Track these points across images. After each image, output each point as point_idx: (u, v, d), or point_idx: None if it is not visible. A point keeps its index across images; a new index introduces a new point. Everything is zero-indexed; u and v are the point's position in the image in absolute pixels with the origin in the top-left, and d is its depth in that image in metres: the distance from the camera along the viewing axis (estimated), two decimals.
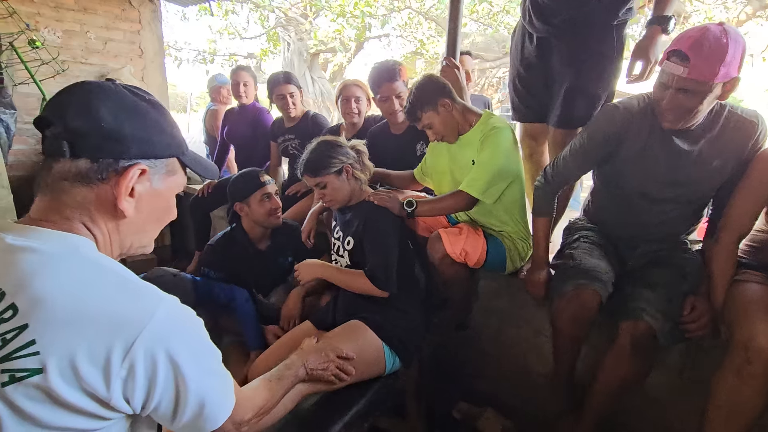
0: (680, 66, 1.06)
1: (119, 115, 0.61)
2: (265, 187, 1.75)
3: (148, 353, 0.55)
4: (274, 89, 2.44)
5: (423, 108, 1.54)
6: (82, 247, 0.59)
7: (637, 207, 1.36)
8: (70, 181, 0.60)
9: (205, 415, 0.63)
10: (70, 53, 3.24)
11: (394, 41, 10.61)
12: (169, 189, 0.70)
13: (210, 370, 0.64)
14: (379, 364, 1.34)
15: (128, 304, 0.55)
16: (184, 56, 10.84)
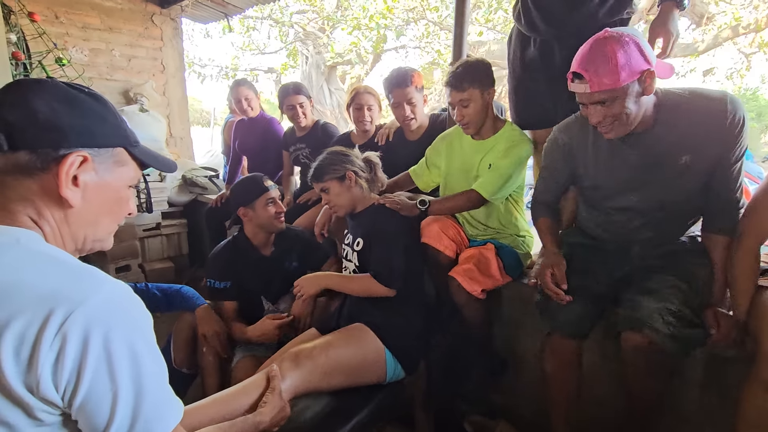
0: (581, 84, 1.09)
1: (56, 107, 0.61)
2: (270, 191, 1.75)
3: (82, 332, 0.51)
4: (284, 100, 2.48)
5: (473, 83, 1.51)
6: (22, 238, 0.58)
7: (614, 216, 1.32)
8: (12, 174, 0.59)
9: (140, 426, 0.56)
10: (96, 70, 3.39)
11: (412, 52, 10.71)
12: (119, 179, 0.68)
13: (149, 373, 0.57)
14: (379, 369, 1.32)
15: (67, 283, 0.54)
16: (208, 72, 11.23)
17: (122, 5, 3.49)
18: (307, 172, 2.63)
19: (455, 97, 1.54)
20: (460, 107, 1.55)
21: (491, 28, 8.39)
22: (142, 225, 3.15)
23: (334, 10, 9.23)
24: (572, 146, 1.30)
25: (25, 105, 0.59)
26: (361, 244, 1.53)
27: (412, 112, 1.91)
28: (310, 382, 1.17)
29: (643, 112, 1.12)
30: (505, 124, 1.64)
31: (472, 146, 1.66)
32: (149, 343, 0.59)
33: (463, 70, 1.52)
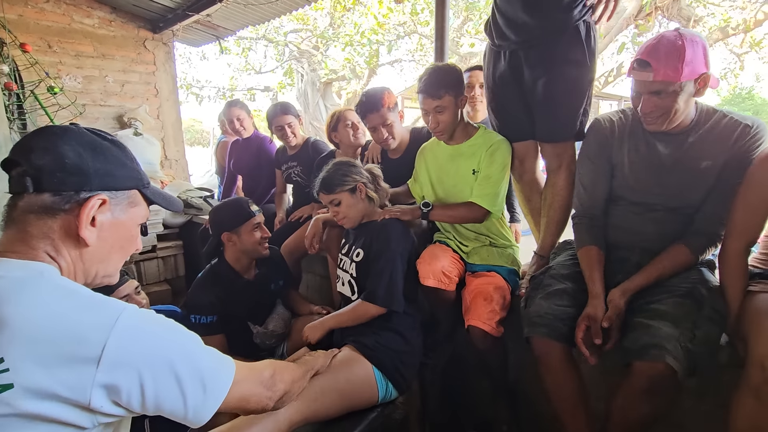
0: (645, 72, 1.12)
1: (81, 153, 0.67)
2: (256, 216, 1.72)
3: (122, 358, 0.58)
4: (272, 121, 2.50)
5: (448, 90, 1.51)
6: (45, 272, 0.63)
7: (631, 210, 1.31)
8: (35, 213, 0.64)
9: (209, 390, 0.66)
10: (89, 97, 3.44)
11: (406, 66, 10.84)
12: (131, 219, 0.74)
13: (192, 350, 0.67)
14: (370, 392, 1.29)
15: (90, 318, 0.59)
16: (206, 93, 11.38)
17: (115, 32, 3.55)
18: (299, 190, 2.67)
19: (430, 104, 1.53)
20: (435, 114, 1.54)
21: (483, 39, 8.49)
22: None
23: (327, 27, 9.38)
24: (613, 131, 1.33)
25: (54, 151, 0.65)
26: (360, 255, 1.51)
27: (389, 133, 1.90)
28: (305, 411, 1.13)
29: (687, 114, 1.18)
30: (479, 129, 1.64)
31: (447, 152, 1.66)
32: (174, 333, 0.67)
33: (437, 76, 1.52)
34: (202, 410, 0.66)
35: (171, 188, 3.53)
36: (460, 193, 1.64)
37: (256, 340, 1.78)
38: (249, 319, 1.76)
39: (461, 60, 8.60)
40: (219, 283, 1.72)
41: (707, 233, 1.21)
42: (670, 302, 1.14)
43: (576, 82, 1.46)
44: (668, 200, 1.25)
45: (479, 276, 1.56)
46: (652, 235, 1.29)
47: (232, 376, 0.70)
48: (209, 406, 0.66)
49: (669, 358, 1.03)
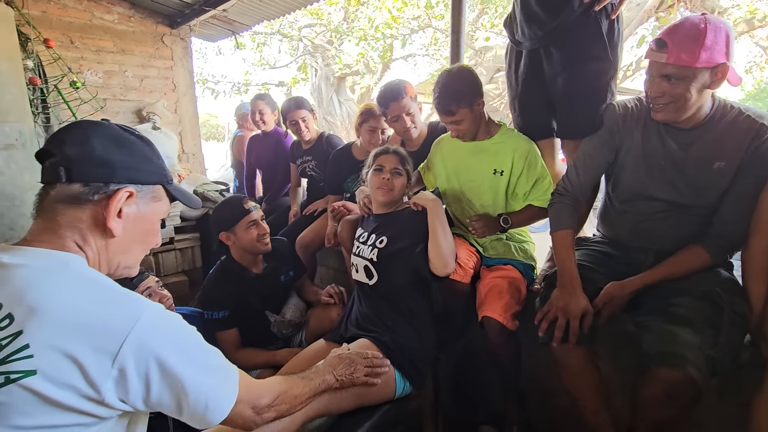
0: (659, 53, 1.06)
1: (109, 146, 0.69)
2: (251, 214, 1.71)
3: (137, 356, 0.59)
4: (286, 116, 2.52)
5: (460, 104, 1.49)
6: (71, 262, 0.64)
7: (640, 207, 1.28)
8: (65, 203, 0.66)
9: (210, 409, 0.67)
10: (110, 91, 3.51)
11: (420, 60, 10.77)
12: (154, 213, 0.76)
13: (204, 366, 0.68)
14: (388, 389, 1.29)
15: (114, 311, 0.61)
16: (221, 88, 11.49)
17: (134, 28, 3.61)
18: (314, 184, 2.69)
19: (445, 119, 1.55)
20: (454, 126, 1.55)
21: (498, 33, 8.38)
22: None
23: (341, 22, 9.37)
24: (626, 117, 1.28)
25: (84, 143, 0.68)
26: (385, 242, 1.52)
27: (411, 122, 1.91)
28: (321, 407, 1.14)
29: (699, 107, 1.12)
30: (501, 127, 1.63)
31: (467, 147, 1.65)
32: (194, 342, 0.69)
33: (446, 95, 1.50)
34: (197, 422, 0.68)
35: (188, 182, 3.60)
36: (477, 188, 1.64)
37: (273, 329, 1.81)
38: (265, 309, 1.79)
39: (476, 54, 8.50)
40: (229, 279, 1.75)
41: (728, 237, 1.16)
42: (689, 306, 1.11)
43: (597, 78, 1.43)
44: (682, 198, 1.20)
45: (495, 269, 1.56)
46: (664, 236, 1.25)
47: (235, 399, 0.71)
48: (206, 422, 0.68)
49: (690, 367, 1.00)
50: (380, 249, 1.51)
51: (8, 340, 0.54)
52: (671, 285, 1.18)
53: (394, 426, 1.32)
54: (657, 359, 1.06)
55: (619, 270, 1.26)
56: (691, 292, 1.15)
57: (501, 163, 1.59)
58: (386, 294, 1.48)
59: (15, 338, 0.54)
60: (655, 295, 1.19)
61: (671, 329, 1.07)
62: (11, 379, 0.53)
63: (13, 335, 0.55)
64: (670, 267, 1.19)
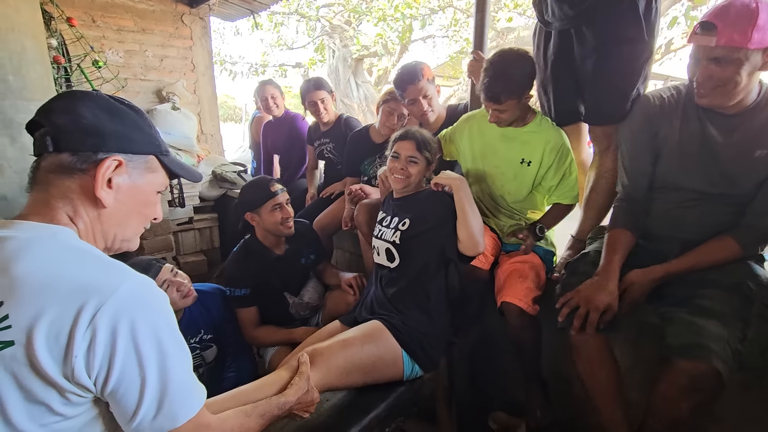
0: (708, 36, 1.01)
1: (99, 115, 0.67)
2: (276, 197, 1.72)
3: (111, 322, 0.56)
4: (305, 96, 2.50)
5: (511, 95, 1.43)
6: (59, 234, 0.63)
7: (672, 195, 1.23)
8: (55, 174, 0.66)
9: (166, 409, 0.60)
10: (130, 71, 3.53)
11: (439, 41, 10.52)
12: (149, 184, 0.74)
13: (174, 359, 0.62)
14: (396, 368, 1.31)
15: (96, 276, 0.59)
16: (239, 69, 11.48)
17: (154, 6, 3.60)
18: (331, 167, 2.68)
19: (489, 105, 1.48)
20: (497, 113, 1.50)
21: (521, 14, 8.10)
22: (175, 219, 3.28)
23: (359, 2, 9.19)
24: (663, 108, 1.23)
25: (72, 111, 0.66)
26: (407, 224, 1.50)
27: (429, 105, 1.88)
28: (327, 379, 1.17)
29: (747, 92, 1.08)
30: (535, 116, 1.58)
31: (498, 131, 1.60)
32: (172, 332, 0.63)
33: (499, 82, 1.42)
34: (146, 426, 0.60)
35: (206, 163, 3.63)
36: (501, 175, 1.61)
37: (291, 310, 1.84)
38: (284, 290, 1.82)
39: (498, 36, 8.26)
40: (251, 258, 1.78)
41: (762, 229, 1.12)
42: (716, 298, 1.08)
43: (630, 62, 1.36)
44: (714, 188, 1.16)
45: (515, 255, 1.54)
46: (694, 226, 1.21)
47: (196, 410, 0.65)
48: (157, 425, 0.61)
49: (715, 359, 0.98)
50: (403, 231, 1.50)
51: None
52: (698, 276, 1.15)
53: (408, 408, 1.34)
54: (681, 351, 1.03)
55: (643, 260, 1.22)
56: (720, 284, 1.11)
57: (530, 154, 1.55)
58: (406, 278, 1.47)
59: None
60: (681, 286, 1.16)
61: (697, 321, 1.04)
62: None
63: None
64: (696, 257, 1.15)
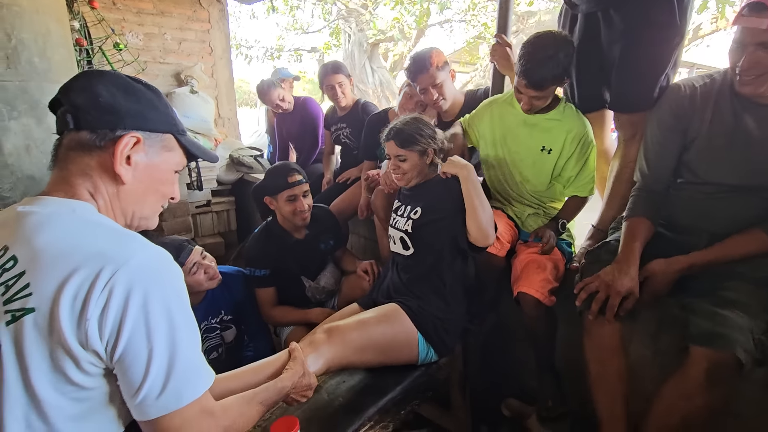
0: (757, 18, 0.95)
1: (115, 93, 0.69)
2: (292, 188, 1.72)
3: (125, 288, 0.57)
4: (323, 80, 2.49)
5: (554, 81, 1.38)
6: (78, 209, 0.65)
7: (699, 196, 1.20)
8: (75, 151, 0.68)
9: (171, 385, 0.60)
10: (150, 54, 3.56)
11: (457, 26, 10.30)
12: (166, 162, 0.75)
13: (183, 335, 0.61)
14: (410, 350, 1.32)
15: (114, 245, 0.60)
16: (254, 53, 11.45)
17: None
18: (347, 152, 2.67)
19: (530, 92, 1.42)
20: (532, 100, 1.45)
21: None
22: (194, 202, 3.33)
23: None
24: (694, 98, 1.18)
25: (90, 90, 0.67)
26: (419, 213, 1.50)
27: (439, 93, 1.85)
28: (343, 356, 1.20)
29: None
30: (559, 103, 1.55)
31: (520, 117, 1.57)
32: (184, 308, 0.63)
33: (544, 67, 1.34)
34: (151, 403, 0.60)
35: (223, 146, 3.66)
36: (520, 161, 1.59)
37: (307, 293, 1.87)
38: (301, 274, 1.85)
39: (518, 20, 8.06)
40: (271, 240, 1.81)
41: None
42: (743, 290, 1.06)
43: (659, 47, 1.30)
44: (746, 180, 1.12)
45: (533, 245, 1.53)
46: (723, 219, 1.17)
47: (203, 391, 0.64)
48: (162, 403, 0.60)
49: (738, 349, 0.96)
50: (414, 220, 1.50)
51: (14, 281, 0.57)
52: (725, 269, 1.12)
53: (423, 392, 1.35)
54: (702, 340, 1.02)
55: (667, 252, 1.20)
56: (747, 276, 1.09)
57: (552, 142, 1.52)
58: (421, 265, 1.48)
59: (19, 278, 0.57)
60: (706, 278, 1.14)
61: (721, 311, 1.02)
62: (16, 316, 0.56)
63: (17, 276, 0.58)
64: (723, 249, 1.13)
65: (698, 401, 1.03)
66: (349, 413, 1.14)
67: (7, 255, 0.59)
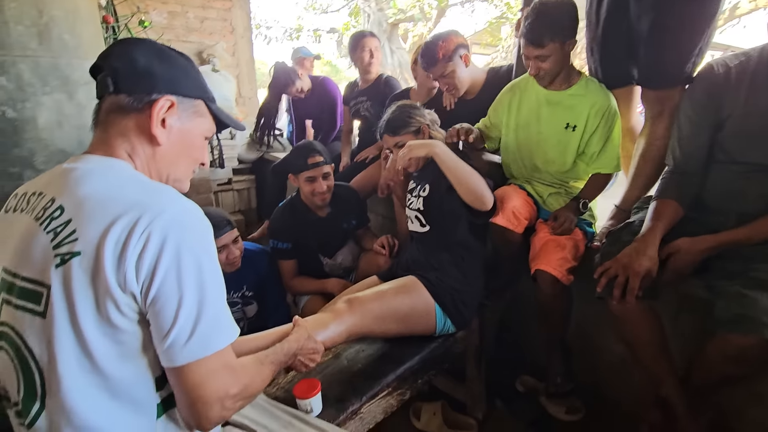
0: None
1: (151, 59, 0.73)
2: (312, 170, 1.75)
3: (161, 236, 0.61)
4: (359, 42, 2.46)
5: (554, 37, 1.37)
6: (116, 165, 0.71)
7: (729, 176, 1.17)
8: (114, 113, 0.72)
9: (198, 333, 0.62)
10: (173, 32, 3.60)
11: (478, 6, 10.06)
12: (197, 128, 0.79)
13: (211, 286, 0.64)
14: (428, 320, 1.35)
15: (151, 196, 0.65)
16: (273, 34, 11.43)
17: None
18: (367, 126, 2.67)
19: (531, 51, 1.42)
20: (537, 62, 1.43)
21: None
22: (216, 180, 3.40)
23: None
24: (728, 77, 1.14)
25: (128, 56, 0.72)
26: (427, 190, 1.52)
27: (449, 83, 1.85)
28: (363, 324, 1.24)
29: None
30: (581, 78, 1.52)
31: (542, 96, 1.55)
32: (213, 261, 0.67)
33: (541, 21, 1.37)
34: (178, 349, 0.62)
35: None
36: (543, 143, 1.56)
37: (326, 269, 1.92)
38: (319, 251, 1.89)
39: None
40: (295, 215, 1.86)
41: None
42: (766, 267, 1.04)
43: (692, 19, 1.25)
44: None
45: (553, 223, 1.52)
46: (754, 199, 1.14)
47: (227, 342, 0.66)
48: (188, 349, 0.62)
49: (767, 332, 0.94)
50: (425, 198, 1.53)
51: (61, 228, 0.62)
52: (754, 250, 1.10)
53: (440, 363, 1.39)
54: (730, 325, 1.00)
55: (694, 232, 1.18)
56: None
57: (576, 118, 1.49)
58: (439, 240, 1.50)
59: (66, 225, 0.62)
60: (734, 259, 1.11)
61: (750, 293, 1.00)
62: (65, 259, 0.61)
63: (64, 223, 0.62)
64: (753, 229, 1.10)
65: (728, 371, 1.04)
66: (368, 379, 1.19)
67: (55, 205, 0.64)
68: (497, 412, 1.64)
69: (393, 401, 1.22)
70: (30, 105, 1.77)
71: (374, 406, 1.17)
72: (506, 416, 1.63)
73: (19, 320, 0.63)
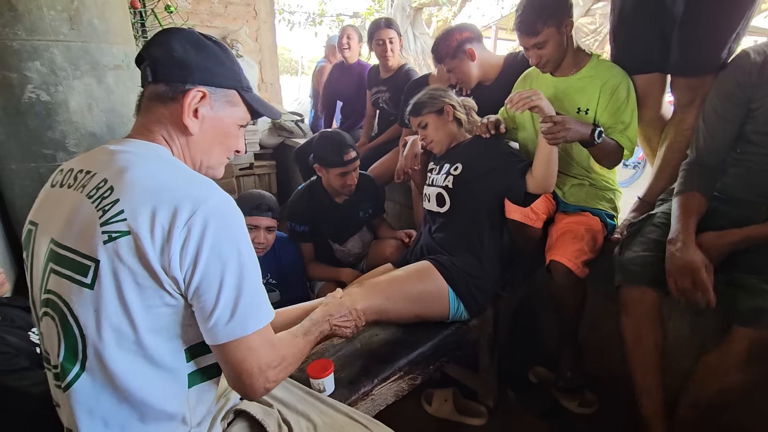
0: None
1: (188, 48, 0.75)
2: (346, 166, 1.76)
3: (202, 225, 0.64)
4: (374, 34, 2.44)
5: (547, 21, 1.35)
6: (161, 152, 0.74)
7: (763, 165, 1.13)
8: (153, 101, 0.75)
9: (239, 314, 0.67)
10: (198, 17, 3.64)
11: None
12: (230, 117, 0.80)
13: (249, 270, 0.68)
14: (441, 304, 1.36)
15: (191, 185, 0.69)
16: (296, 19, 11.41)
17: None
18: (384, 117, 2.66)
19: (527, 42, 1.40)
20: (535, 50, 1.41)
21: None
22: (238, 165, 3.47)
23: None
24: (764, 67, 1.10)
25: (167, 45, 0.74)
26: (460, 169, 1.50)
27: (456, 80, 1.83)
28: (377, 306, 1.25)
29: None
30: (591, 58, 1.46)
31: (552, 84, 1.51)
32: (249, 247, 0.71)
33: (530, 9, 1.36)
34: (221, 328, 0.67)
35: None
36: None
37: (336, 255, 1.96)
38: (331, 237, 1.92)
39: None
40: (313, 199, 1.89)
41: None
42: None
43: (730, 2, 1.19)
44: None
45: (572, 215, 1.50)
46: None
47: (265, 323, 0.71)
48: (230, 328, 0.67)
49: None
50: (455, 176, 1.50)
51: (110, 206, 0.65)
52: None
53: (453, 350, 1.40)
54: (744, 318, 0.99)
55: (721, 225, 1.14)
56: None
57: (588, 101, 1.44)
58: (457, 221, 1.49)
59: (114, 205, 0.65)
60: (760, 253, 1.08)
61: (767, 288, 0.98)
62: (113, 237, 0.64)
63: (112, 202, 0.65)
64: None
65: (737, 377, 1.01)
66: (381, 362, 1.21)
67: (106, 186, 0.68)
68: (508, 402, 1.65)
69: (404, 385, 1.24)
70: (62, 89, 1.83)
71: (385, 389, 1.19)
72: (517, 406, 1.63)
73: (66, 290, 0.67)
